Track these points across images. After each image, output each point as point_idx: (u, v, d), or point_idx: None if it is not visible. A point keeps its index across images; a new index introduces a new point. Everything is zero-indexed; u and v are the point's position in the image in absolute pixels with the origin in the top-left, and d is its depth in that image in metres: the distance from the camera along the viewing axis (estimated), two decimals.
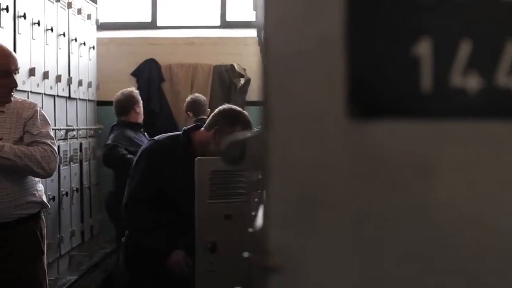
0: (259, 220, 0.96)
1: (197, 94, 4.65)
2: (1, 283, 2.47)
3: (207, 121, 2.69)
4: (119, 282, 3.20)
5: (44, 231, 2.68)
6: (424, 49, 0.61)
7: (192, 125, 2.77)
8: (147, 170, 2.55)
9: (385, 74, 0.61)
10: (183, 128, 2.74)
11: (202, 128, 2.66)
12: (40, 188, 2.67)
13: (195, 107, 4.46)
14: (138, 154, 2.64)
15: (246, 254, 1.15)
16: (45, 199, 2.69)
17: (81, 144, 4.48)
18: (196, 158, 2.41)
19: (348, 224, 0.62)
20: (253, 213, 1.65)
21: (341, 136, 0.61)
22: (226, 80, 5.09)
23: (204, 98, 4.60)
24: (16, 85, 2.57)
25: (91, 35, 4.81)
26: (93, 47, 4.83)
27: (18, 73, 2.58)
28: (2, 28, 3.16)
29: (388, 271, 0.62)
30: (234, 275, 2.38)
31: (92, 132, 4.80)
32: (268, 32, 0.61)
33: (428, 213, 0.62)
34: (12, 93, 2.55)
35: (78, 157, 4.41)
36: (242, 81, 5.10)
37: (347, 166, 0.61)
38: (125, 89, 4.47)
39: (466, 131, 0.61)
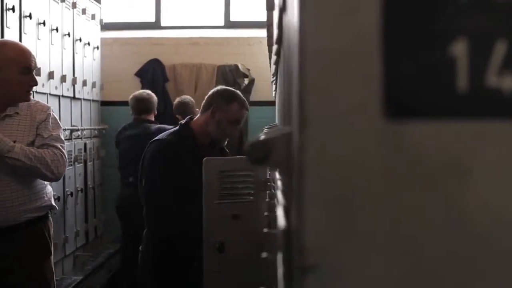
0: (281, 221, 0.96)
1: (184, 96, 4.64)
2: (10, 284, 2.47)
3: (202, 104, 2.73)
4: None
5: (52, 231, 2.68)
6: (460, 49, 0.61)
7: (188, 117, 2.78)
8: (166, 172, 2.53)
9: (421, 74, 0.61)
10: (180, 122, 2.77)
11: (198, 115, 2.71)
12: (49, 190, 2.66)
13: (181, 108, 4.46)
14: (148, 158, 2.58)
15: (264, 255, 1.15)
16: (53, 202, 2.69)
17: (85, 144, 4.48)
18: (204, 159, 2.41)
19: (383, 224, 0.61)
20: (265, 213, 1.65)
21: (376, 136, 0.61)
22: (230, 80, 5.09)
23: (192, 99, 4.59)
24: (36, 83, 2.53)
25: (95, 35, 4.82)
26: (97, 47, 4.84)
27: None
28: (8, 28, 3.16)
29: (424, 272, 0.61)
30: (242, 275, 2.38)
31: (96, 132, 4.80)
32: (304, 29, 0.60)
33: (463, 213, 0.61)
34: (31, 92, 2.52)
35: (82, 157, 4.41)
36: (246, 81, 5.10)
37: (382, 166, 0.61)
38: (146, 90, 4.53)
39: (502, 131, 0.61)
